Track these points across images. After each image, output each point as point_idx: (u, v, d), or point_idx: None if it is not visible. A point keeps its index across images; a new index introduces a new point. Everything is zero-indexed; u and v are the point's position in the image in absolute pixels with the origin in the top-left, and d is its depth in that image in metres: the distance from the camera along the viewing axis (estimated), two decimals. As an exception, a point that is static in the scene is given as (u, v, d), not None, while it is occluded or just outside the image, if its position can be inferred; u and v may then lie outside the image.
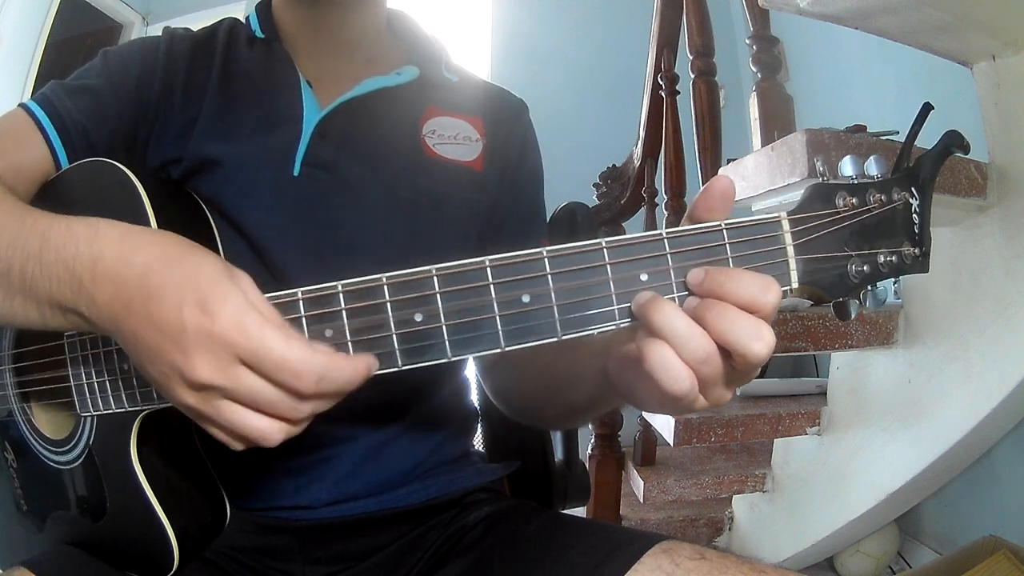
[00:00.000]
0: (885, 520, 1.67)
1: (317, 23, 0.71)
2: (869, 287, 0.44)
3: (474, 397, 0.84)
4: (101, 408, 0.56)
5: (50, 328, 0.49)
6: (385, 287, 0.43)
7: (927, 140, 0.46)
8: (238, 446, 0.44)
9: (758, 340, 0.39)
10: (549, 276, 0.43)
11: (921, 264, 0.44)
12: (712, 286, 0.41)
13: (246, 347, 0.40)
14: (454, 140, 0.72)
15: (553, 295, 0.43)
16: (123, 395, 0.54)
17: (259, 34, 0.71)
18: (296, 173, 0.66)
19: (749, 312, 0.40)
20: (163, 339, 0.41)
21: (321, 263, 0.65)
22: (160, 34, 0.72)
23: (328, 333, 0.43)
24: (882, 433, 1.43)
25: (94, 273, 0.44)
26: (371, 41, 0.74)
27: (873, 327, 1.39)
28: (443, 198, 0.70)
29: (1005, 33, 1.17)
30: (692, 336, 0.40)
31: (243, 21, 0.74)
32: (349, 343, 0.43)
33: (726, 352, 0.40)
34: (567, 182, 1.12)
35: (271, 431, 0.42)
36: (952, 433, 1.30)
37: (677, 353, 0.40)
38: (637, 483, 1.75)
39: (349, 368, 0.41)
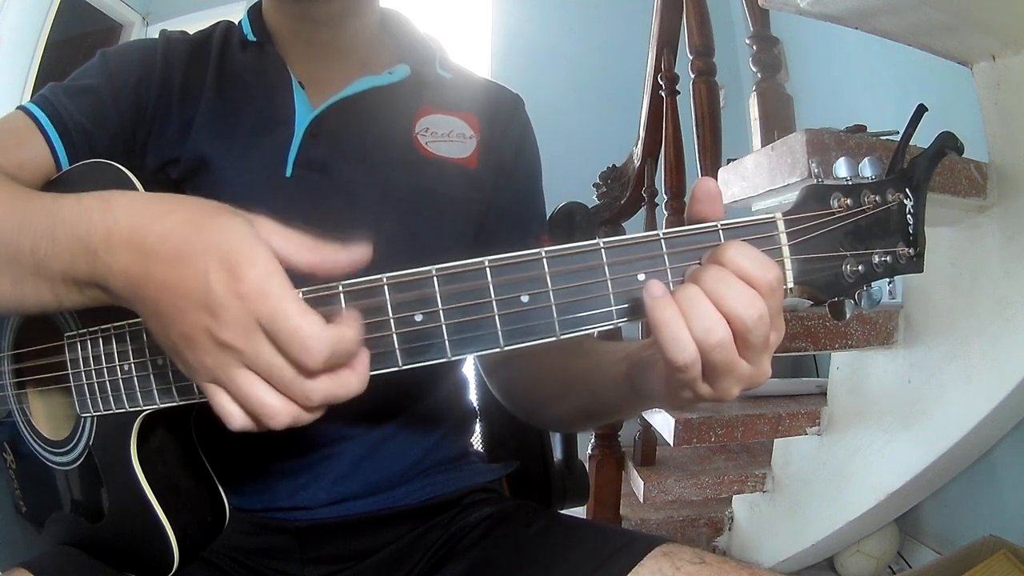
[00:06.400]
0: (885, 520, 1.67)
1: (309, 33, 0.70)
2: (864, 287, 0.44)
3: (473, 396, 0.84)
4: (101, 409, 0.56)
5: (65, 308, 0.48)
6: (385, 287, 0.43)
7: (926, 140, 0.46)
8: (240, 422, 0.42)
9: (750, 307, 0.40)
10: (548, 276, 0.43)
11: (915, 264, 0.45)
12: (715, 253, 0.41)
13: (264, 311, 0.39)
14: (447, 138, 0.72)
15: (552, 295, 0.43)
16: (123, 396, 0.54)
17: (251, 37, 0.71)
18: (288, 174, 0.66)
19: (747, 283, 0.40)
20: (187, 302, 0.40)
21: None
22: (157, 37, 0.72)
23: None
24: (882, 433, 1.43)
25: (108, 243, 0.43)
26: (363, 44, 0.73)
27: (873, 327, 1.38)
28: (437, 196, 0.69)
29: (1005, 33, 1.17)
30: (699, 303, 0.40)
31: (237, 24, 0.74)
32: (348, 343, 0.43)
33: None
34: (567, 182, 1.12)
35: (280, 411, 0.41)
36: (952, 433, 1.29)
37: (684, 317, 0.40)
38: (637, 483, 1.75)
39: (351, 332, 0.41)
